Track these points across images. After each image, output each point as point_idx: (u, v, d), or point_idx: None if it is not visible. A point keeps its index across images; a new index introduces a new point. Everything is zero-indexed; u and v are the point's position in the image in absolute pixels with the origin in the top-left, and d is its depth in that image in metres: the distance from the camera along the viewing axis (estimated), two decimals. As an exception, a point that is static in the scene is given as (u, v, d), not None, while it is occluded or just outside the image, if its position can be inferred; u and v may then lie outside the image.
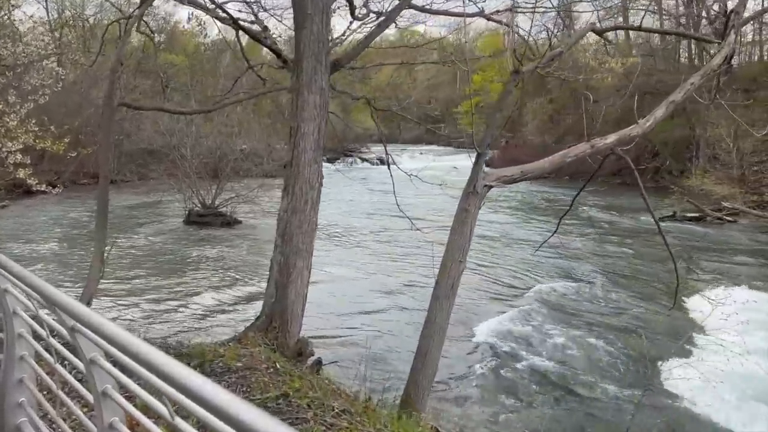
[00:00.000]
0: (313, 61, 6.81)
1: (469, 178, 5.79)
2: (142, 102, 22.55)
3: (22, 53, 13.47)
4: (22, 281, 2.61)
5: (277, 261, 6.96)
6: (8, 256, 3.08)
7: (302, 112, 6.86)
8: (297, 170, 6.89)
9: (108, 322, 1.90)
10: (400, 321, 11.08)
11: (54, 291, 2.13)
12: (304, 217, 6.92)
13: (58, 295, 2.10)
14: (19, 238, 18.68)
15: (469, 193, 5.70)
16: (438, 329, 5.66)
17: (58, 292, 2.12)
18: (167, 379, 1.46)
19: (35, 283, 2.41)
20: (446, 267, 5.71)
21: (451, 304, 5.74)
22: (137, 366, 1.72)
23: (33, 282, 2.45)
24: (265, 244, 18.56)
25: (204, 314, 11.46)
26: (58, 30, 34.87)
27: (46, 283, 2.23)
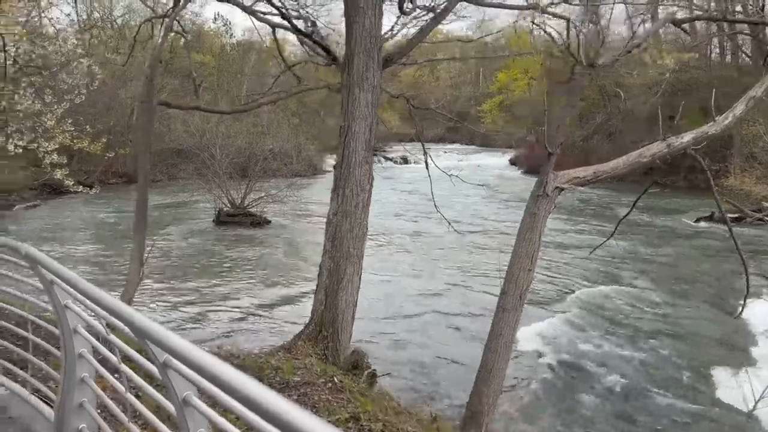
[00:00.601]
0: (365, 57, 6.48)
1: (538, 180, 5.41)
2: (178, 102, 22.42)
3: (54, 53, 13.45)
4: (95, 301, 2.31)
5: (327, 266, 6.64)
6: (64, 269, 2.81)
7: (353, 111, 6.54)
8: (347, 171, 6.58)
9: (205, 354, 1.59)
10: (447, 326, 10.72)
11: (141, 319, 1.82)
12: (355, 221, 6.60)
13: (147, 324, 1.79)
14: (51, 239, 18.74)
15: (538, 196, 5.31)
16: (504, 344, 5.30)
17: (146, 320, 1.81)
18: (274, 420, 1.21)
19: (110, 305, 2.11)
20: (514, 276, 5.33)
21: (519, 316, 5.37)
22: (236, 404, 1.45)
23: (107, 303, 2.15)
24: (296, 244, 18.35)
25: (241, 317, 11.22)
26: (88, 31, 35.12)
27: (135, 312, 1.92)
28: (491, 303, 12.17)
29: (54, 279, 2.88)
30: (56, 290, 2.92)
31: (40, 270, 2.95)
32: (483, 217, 23.42)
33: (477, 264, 15.73)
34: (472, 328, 10.66)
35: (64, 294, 2.92)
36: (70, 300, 2.93)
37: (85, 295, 2.47)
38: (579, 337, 10.90)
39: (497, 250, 17.14)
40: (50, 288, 2.94)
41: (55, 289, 2.92)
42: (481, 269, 15.16)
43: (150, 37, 20.34)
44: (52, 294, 2.97)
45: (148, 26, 16.52)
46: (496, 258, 16.01)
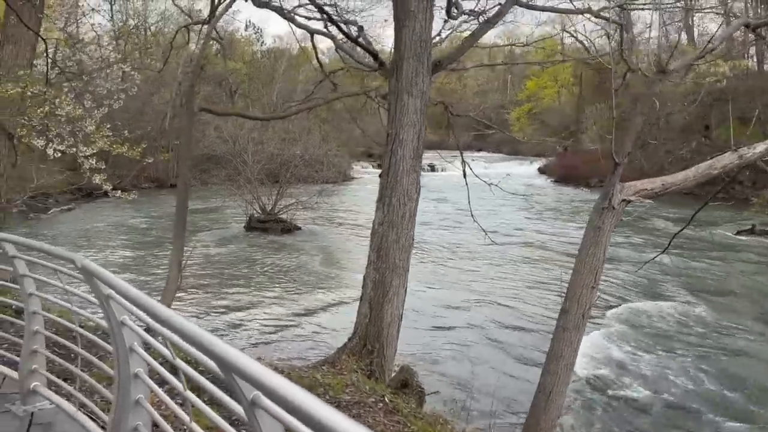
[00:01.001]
0: (415, 62, 6.26)
1: (603, 192, 5.10)
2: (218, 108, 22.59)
3: (91, 59, 13.59)
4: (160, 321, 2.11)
5: (372, 278, 6.42)
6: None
7: (401, 118, 6.32)
8: (394, 180, 6.35)
9: (299, 391, 1.38)
10: (488, 341, 10.38)
11: (226, 349, 1.60)
12: (401, 231, 6.37)
13: (233, 355, 1.57)
14: (87, 244, 18.90)
15: (603, 208, 5.01)
16: (564, 366, 4.99)
17: (232, 350, 1.59)
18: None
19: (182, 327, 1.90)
20: (576, 294, 5.02)
21: (581, 336, 5.06)
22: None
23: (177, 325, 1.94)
24: (327, 252, 18.20)
25: (276, 326, 11.06)
26: (123, 38, 35.78)
27: (215, 338, 1.70)
28: (534, 317, 11.90)
29: (111, 293, 2.71)
30: (113, 305, 2.74)
31: (96, 283, 2.77)
32: (518, 227, 22.96)
33: (517, 276, 15.34)
34: (515, 343, 10.33)
35: (120, 309, 2.74)
36: (126, 316, 2.75)
37: (148, 313, 2.28)
38: (623, 353, 10.47)
39: (538, 263, 16.78)
40: (106, 302, 2.77)
41: (111, 304, 2.74)
42: (522, 282, 14.79)
43: (186, 43, 20.55)
44: (107, 309, 2.79)
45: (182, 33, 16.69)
46: (537, 270, 15.72)
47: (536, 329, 11.06)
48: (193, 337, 1.79)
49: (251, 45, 47.13)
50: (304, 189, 24.62)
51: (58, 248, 3.20)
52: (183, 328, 1.87)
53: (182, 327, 1.88)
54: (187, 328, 1.84)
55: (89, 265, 2.74)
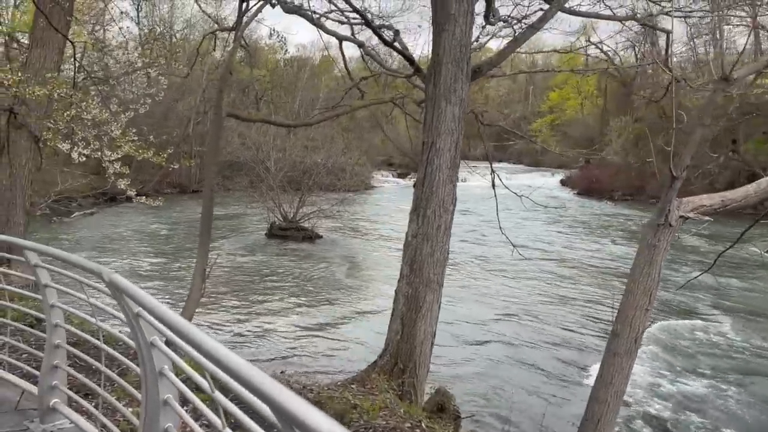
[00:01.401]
0: (454, 67, 5.98)
1: (659, 207, 4.76)
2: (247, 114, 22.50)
3: (116, 64, 13.59)
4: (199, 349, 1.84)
5: (404, 293, 6.12)
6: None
7: (438, 125, 6.04)
8: (430, 191, 6.06)
9: None
10: (526, 360, 9.91)
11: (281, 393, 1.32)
12: (436, 244, 6.07)
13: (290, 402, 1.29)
14: (108, 249, 18.86)
15: (658, 225, 4.66)
16: (615, 393, 4.63)
17: (289, 396, 1.31)
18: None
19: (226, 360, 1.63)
20: (628, 316, 4.67)
21: (633, 362, 4.70)
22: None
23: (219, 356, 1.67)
24: (350, 261, 17.91)
25: (299, 338, 10.79)
26: (149, 44, 36.08)
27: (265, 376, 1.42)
28: (572, 338, 11.35)
29: (141, 312, 2.45)
30: (142, 324, 2.49)
31: (124, 299, 2.53)
32: (546, 241, 22.41)
33: (550, 293, 14.82)
34: (552, 364, 9.85)
35: (150, 329, 2.49)
36: (157, 336, 2.50)
37: (184, 338, 2.01)
38: (659, 375, 10.00)
39: (571, 280, 16.20)
40: (135, 321, 2.51)
41: (141, 323, 2.49)
42: (556, 299, 14.29)
43: (213, 50, 20.57)
44: (136, 327, 2.54)
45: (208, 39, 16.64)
46: (571, 288, 15.17)
47: (574, 350, 10.60)
48: (242, 375, 1.52)
49: (275, 53, 47.42)
50: (325, 197, 24.47)
51: (84, 259, 2.96)
52: (229, 362, 1.60)
53: (228, 361, 1.61)
54: (234, 363, 1.57)
55: (118, 279, 2.49)
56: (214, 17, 18.95)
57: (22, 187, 10.73)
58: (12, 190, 10.60)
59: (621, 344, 4.65)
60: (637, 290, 4.64)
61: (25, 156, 10.79)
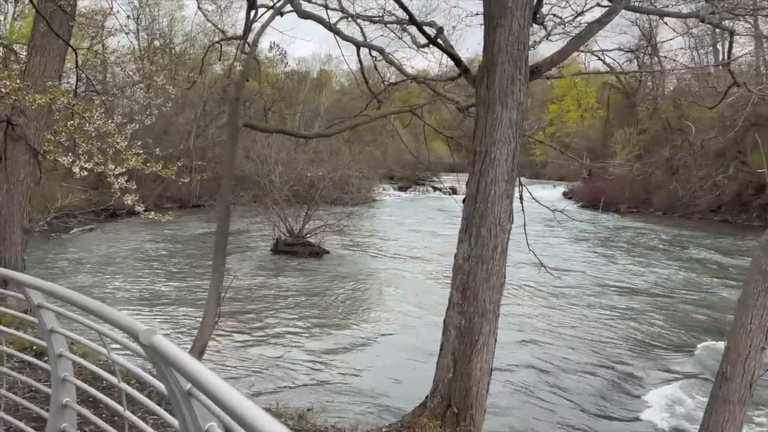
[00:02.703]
0: (511, 67, 5.30)
1: (775, 226, 4.05)
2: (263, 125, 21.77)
3: (122, 76, 13.02)
4: None
5: (456, 324, 5.37)
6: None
7: (493, 133, 5.34)
8: (484, 207, 5.34)
9: None
10: (591, 401, 9.00)
11: None
12: (492, 268, 5.34)
13: None
14: (111, 268, 18.01)
15: (777, 248, 3.95)
16: (728, 447, 3.89)
17: None
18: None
19: None
20: (740, 356, 3.95)
21: (745, 410, 3.96)
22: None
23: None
24: (361, 280, 17.10)
25: (319, 367, 9.98)
26: (149, 57, 35.57)
27: None
28: (638, 377, 10.25)
29: (193, 391, 1.72)
30: (195, 406, 1.75)
31: (171, 372, 1.79)
32: (566, 257, 21.50)
33: (584, 313, 13.95)
34: (629, 409, 8.94)
35: (205, 412, 1.75)
36: (215, 422, 1.75)
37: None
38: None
39: (605, 297, 15.20)
40: (185, 400, 1.78)
41: (193, 405, 1.75)
42: (590, 319, 13.47)
43: (218, 60, 20.01)
44: (184, 407, 1.80)
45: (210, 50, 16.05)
46: (607, 307, 14.21)
47: (643, 388, 9.62)
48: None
49: (275, 67, 47.03)
50: (330, 211, 23.75)
51: (110, 308, 2.21)
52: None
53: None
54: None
55: (162, 345, 1.75)
56: (219, 27, 18.37)
57: (20, 203, 9.98)
58: (9, 206, 9.85)
59: (733, 390, 3.93)
60: (751, 325, 3.92)
61: (24, 170, 10.05)
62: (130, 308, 12.98)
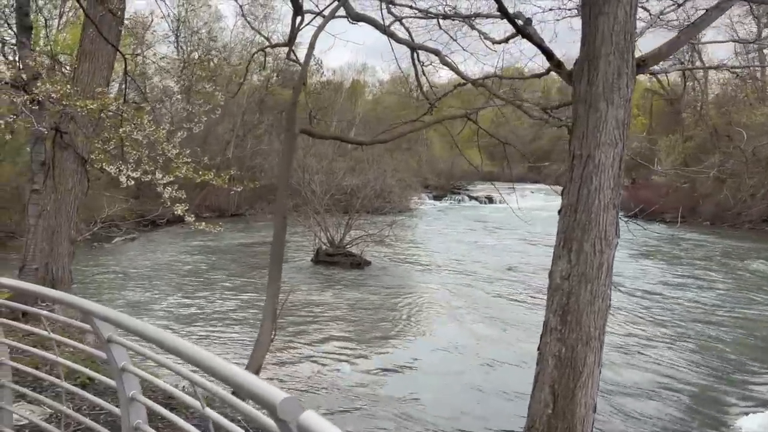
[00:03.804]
0: (617, 60, 4.67)
1: None
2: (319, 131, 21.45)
3: (160, 88, 12.87)
4: None
5: (554, 353, 4.72)
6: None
7: (597, 134, 4.71)
8: (587, 219, 4.70)
9: None
10: None
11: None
12: (597, 289, 4.69)
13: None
14: (155, 280, 17.78)
15: None
16: None
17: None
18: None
19: None
20: None
21: None
22: None
23: None
24: (405, 292, 16.44)
25: (380, 387, 9.36)
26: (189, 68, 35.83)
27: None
28: (710, 391, 9.29)
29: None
30: None
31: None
32: (618, 270, 20.20)
33: (656, 332, 12.94)
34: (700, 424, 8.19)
35: None
36: None
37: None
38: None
39: (669, 317, 14.09)
40: None
41: None
42: (661, 336, 12.52)
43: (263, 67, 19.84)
44: None
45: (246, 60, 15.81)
46: (676, 325, 13.14)
47: (733, 414, 8.73)
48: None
49: (311, 76, 47.13)
50: (370, 220, 23.23)
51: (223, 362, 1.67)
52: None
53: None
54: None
55: (315, 426, 1.19)
56: (263, 34, 18.16)
57: (68, 213, 9.70)
58: (57, 217, 9.57)
59: None
60: None
61: (72, 179, 9.77)
62: (178, 324, 12.62)
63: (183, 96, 23.89)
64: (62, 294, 2.40)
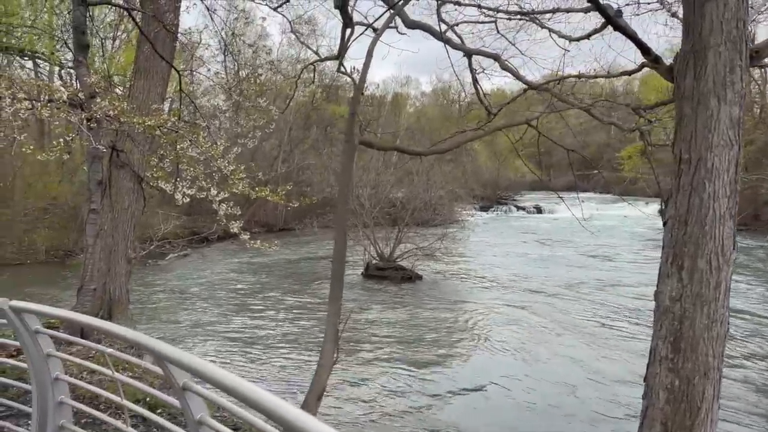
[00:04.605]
0: (729, 50, 4.11)
1: None
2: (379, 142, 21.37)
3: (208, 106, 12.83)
4: None
5: (666, 385, 4.14)
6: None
7: (707, 135, 4.14)
8: (700, 231, 4.12)
9: None
10: None
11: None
12: (715, 312, 4.10)
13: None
14: (213, 298, 17.72)
15: None
16: None
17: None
18: None
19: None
20: None
21: None
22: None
23: None
24: (461, 309, 15.82)
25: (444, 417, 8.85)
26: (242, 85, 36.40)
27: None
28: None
29: None
30: None
31: None
32: None
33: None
34: None
35: None
36: None
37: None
38: None
39: None
40: None
41: None
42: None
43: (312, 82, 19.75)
44: None
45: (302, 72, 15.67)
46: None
47: None
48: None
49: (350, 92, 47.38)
50: (419, 233, 22.72)
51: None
52: None
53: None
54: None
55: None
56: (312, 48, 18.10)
57: (125, 232, 9.62)
58: (114, 236, 9.50)
59: None
60: None
61: (128, 198, 9.72)
62: (236, 347, 12.37)
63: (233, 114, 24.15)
64: (135, 334, 2.06)
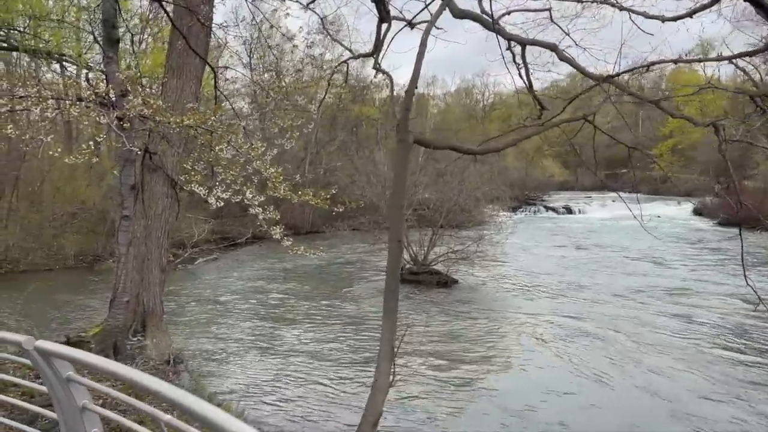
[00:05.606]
0: None
1: None
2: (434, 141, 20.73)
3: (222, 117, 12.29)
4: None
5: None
6: None
7: None
8: None
9: None
10: None
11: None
12: None
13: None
14: (239, 308, 17.12)
15: None
16: None
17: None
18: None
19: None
20: None
21: None
22: None
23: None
24: (501, 317, 14.98)
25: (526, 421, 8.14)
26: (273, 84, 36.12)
27: None
28: None
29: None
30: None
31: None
32: (726, 292, 18.06)
33: None
34: None
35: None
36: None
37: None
38: None
39: None
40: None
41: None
42: None
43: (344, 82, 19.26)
44: None
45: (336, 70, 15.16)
46: None
47: None
48: None
49: (380, 91, 46.75)
50: (453, 235, 21.93)
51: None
52: None
53: None
54: None
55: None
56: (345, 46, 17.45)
57: (158, 239, 9.12)
58: (147, 243, 9.01)
59: None
60: None
61: (162, 203, 9.23)
62: (280, 362, 11.68)
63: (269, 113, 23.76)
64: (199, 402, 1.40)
